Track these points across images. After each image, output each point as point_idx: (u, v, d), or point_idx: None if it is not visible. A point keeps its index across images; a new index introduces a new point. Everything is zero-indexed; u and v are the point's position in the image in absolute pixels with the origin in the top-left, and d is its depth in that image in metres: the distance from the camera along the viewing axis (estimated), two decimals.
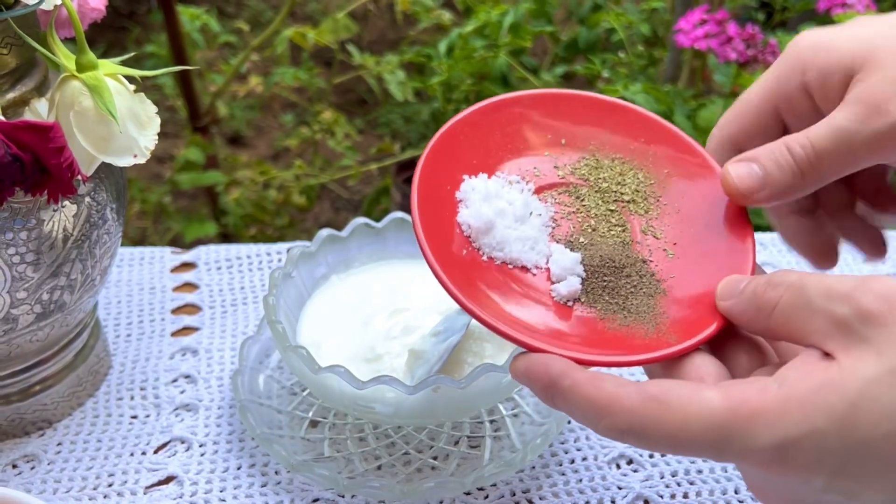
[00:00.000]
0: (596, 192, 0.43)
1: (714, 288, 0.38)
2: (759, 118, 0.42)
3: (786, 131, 0.42)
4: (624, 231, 0.42)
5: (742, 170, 0.39)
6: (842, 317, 0.32)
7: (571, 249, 0.41)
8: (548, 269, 0.41)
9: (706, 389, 0.32)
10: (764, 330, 0.35)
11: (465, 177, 0.42)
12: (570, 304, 0.40)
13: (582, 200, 0.43)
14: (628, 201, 0.43)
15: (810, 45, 0.41)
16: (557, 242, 0.41)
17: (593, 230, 0.42)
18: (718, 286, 0.38)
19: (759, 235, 0.75)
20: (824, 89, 0.40)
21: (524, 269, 0.41)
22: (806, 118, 0.41)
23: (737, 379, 0.34)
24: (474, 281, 0.39)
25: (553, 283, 0.40)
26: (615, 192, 0.44)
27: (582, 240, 0.42)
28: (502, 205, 0.41)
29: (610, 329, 0.39)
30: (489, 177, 0.43)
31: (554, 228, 0.42)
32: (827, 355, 0.32)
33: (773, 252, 0.73)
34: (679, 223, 0.43)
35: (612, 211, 0.43)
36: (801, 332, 0.33)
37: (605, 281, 0.40)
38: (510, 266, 0.40)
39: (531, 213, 0.42)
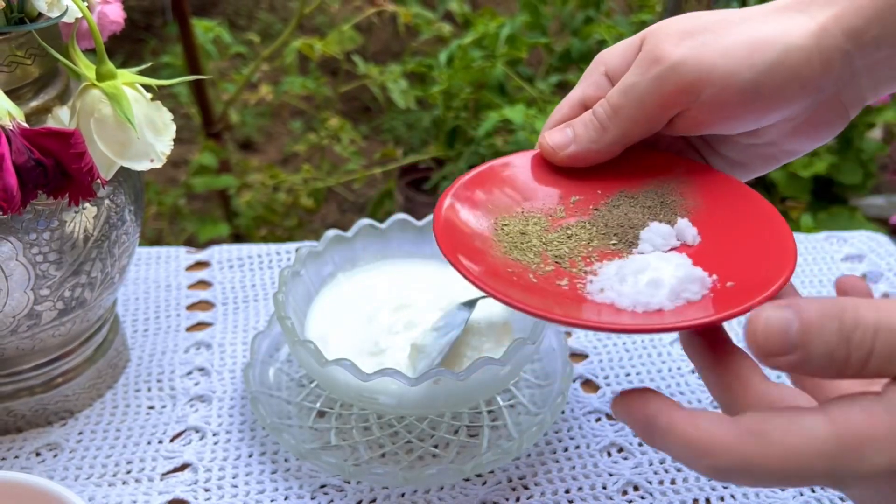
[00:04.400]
0: (600, 221, 0.43)
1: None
2: (570, 113, 0.45)
3: None
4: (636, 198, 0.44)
5: (556, 132, 0.44)
6: None
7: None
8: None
9: (807, 416, 0.29)
10: (848, 377, 0.30)
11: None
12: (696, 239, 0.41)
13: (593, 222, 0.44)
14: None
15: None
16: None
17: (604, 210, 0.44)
18: (753, 325, 0.30)
19: None
20: (622, 69, 0.43)
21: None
22: None
23: (838, 400, 0.29)
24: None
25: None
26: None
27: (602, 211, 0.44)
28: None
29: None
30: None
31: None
32: None
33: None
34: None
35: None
36: None
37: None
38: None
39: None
